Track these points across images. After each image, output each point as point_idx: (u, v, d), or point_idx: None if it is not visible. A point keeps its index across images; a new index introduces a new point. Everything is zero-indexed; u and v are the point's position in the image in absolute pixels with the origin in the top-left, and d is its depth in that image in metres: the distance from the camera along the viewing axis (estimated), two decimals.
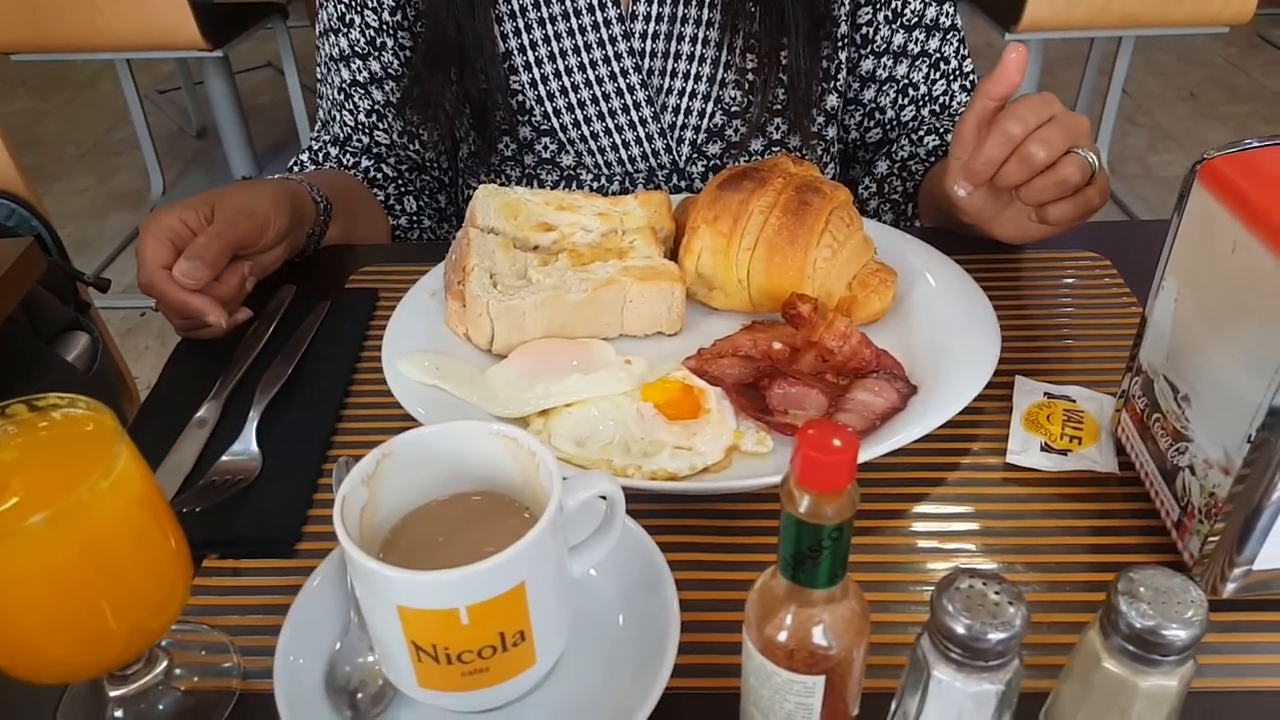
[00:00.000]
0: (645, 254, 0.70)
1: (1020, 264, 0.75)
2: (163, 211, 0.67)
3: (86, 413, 0.39)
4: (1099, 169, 0.64)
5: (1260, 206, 0.42)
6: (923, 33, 0.87)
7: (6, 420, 0.39)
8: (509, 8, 0.82)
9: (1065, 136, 0.62)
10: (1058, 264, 0.75)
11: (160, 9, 2.08)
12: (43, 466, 0.38)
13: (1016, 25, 2.10)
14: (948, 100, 0.89)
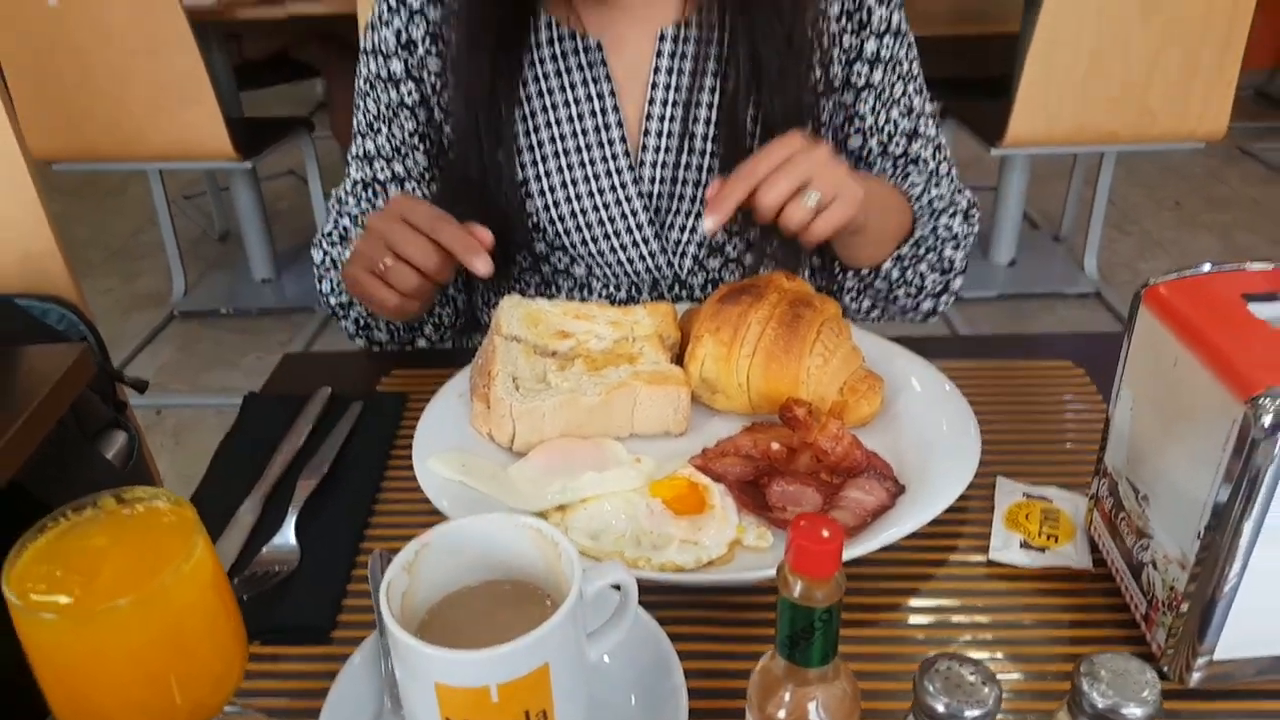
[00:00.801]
0: (654, 360, 0.76)
1: (1000, 372, 0.81)
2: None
3: (168, 506, 0.45)
4: (836, 194, 0.72)
5: (1195, 328, 0.48)
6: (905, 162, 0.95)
7: (97, 511, 0.44)
8: (528, 141, 0.90)
9: (797, 177, 0.71)
10: (1036, 372, 0.81)
11: (197, 123, 2.20)
12: (130, 553, 0.43)
13: (1001, 141, 2.21)
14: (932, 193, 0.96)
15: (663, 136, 0.90)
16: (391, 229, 0.75)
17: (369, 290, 0.77)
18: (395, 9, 0.90)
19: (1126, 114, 2.16)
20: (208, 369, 2.58)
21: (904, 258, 0.90)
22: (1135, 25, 2.06)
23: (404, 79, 0.92)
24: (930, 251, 0.91)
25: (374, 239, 0.76)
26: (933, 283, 0.93)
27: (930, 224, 0.90)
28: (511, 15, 0.86)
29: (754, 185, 0.71)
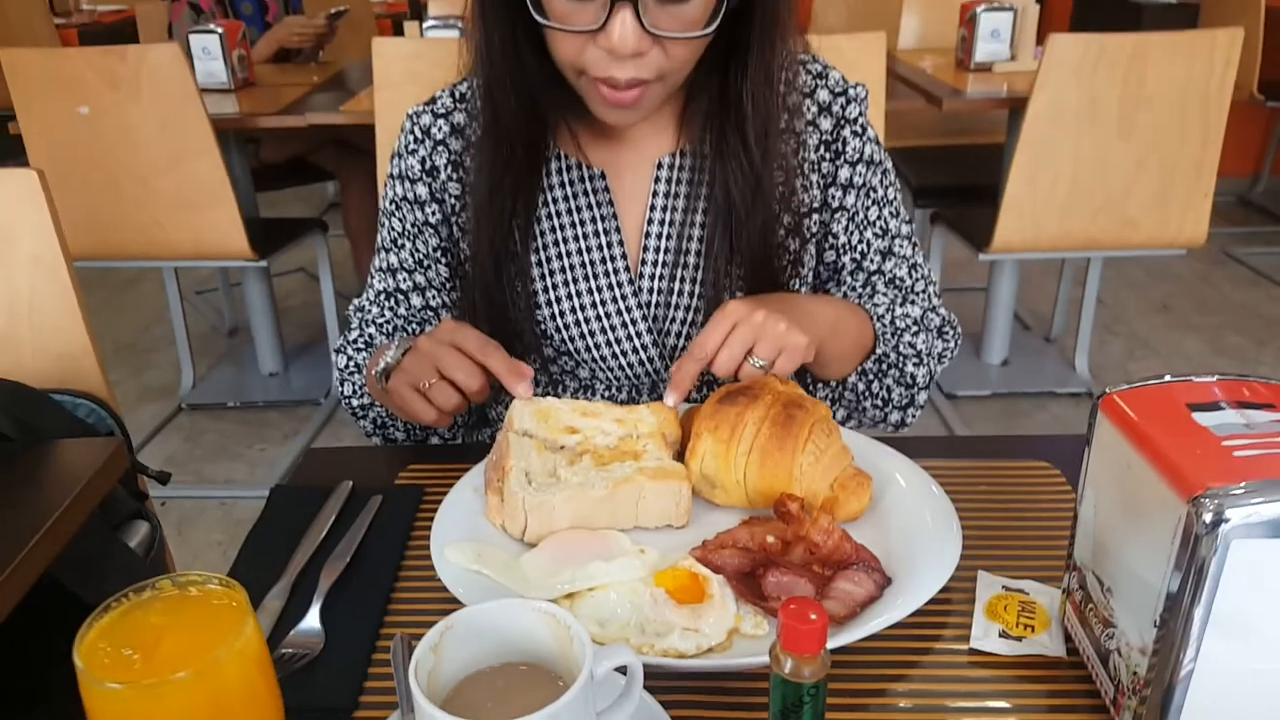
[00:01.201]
0: (656, 456, 0.81)
1: (981, 472, 0.86)
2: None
3: (220, 588, 0.49)
4: (780, 351, 0.81)
5: (1145, 434, 0.54)
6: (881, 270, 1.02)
7: (156, 592, 0.49)
8: (537, 257, 0.98)
9: (741, 346, 0.80)
10: (1014, 473, 0.86)
11: (217, 224, 2.29)
12: (186, 631, 0.47)
13: (988, 246, 2.30)
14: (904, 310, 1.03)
15: (660, 253, 0.98)
16: (441, 351, 0.83)
17: (410, 404, 0.84)
18: (421, 140, 0.99)
19: (1109, 223, 2.26)
20: (213, 461, 2.62)
21: (867, 373, 0.98)
22: (1113, 141, 2.17)
23: (428, 201, 1.00)
24: (893, 368, 0.98)
25: (422, 359, 0.84)
26: (898, 396, 1.00)
27: (893, 342, 0.98)
28: (526, 159, 0.94)
29: (705, 362, 0.81)
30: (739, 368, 0.81)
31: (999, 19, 2.59)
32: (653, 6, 0.79)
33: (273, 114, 2.43)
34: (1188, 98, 2.13)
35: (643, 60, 0.81)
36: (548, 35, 0.84)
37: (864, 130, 0.99)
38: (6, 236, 1.10)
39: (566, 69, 0.86)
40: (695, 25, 0.81)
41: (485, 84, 0.91)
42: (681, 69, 0.86)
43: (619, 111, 0.87)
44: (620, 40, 0.79)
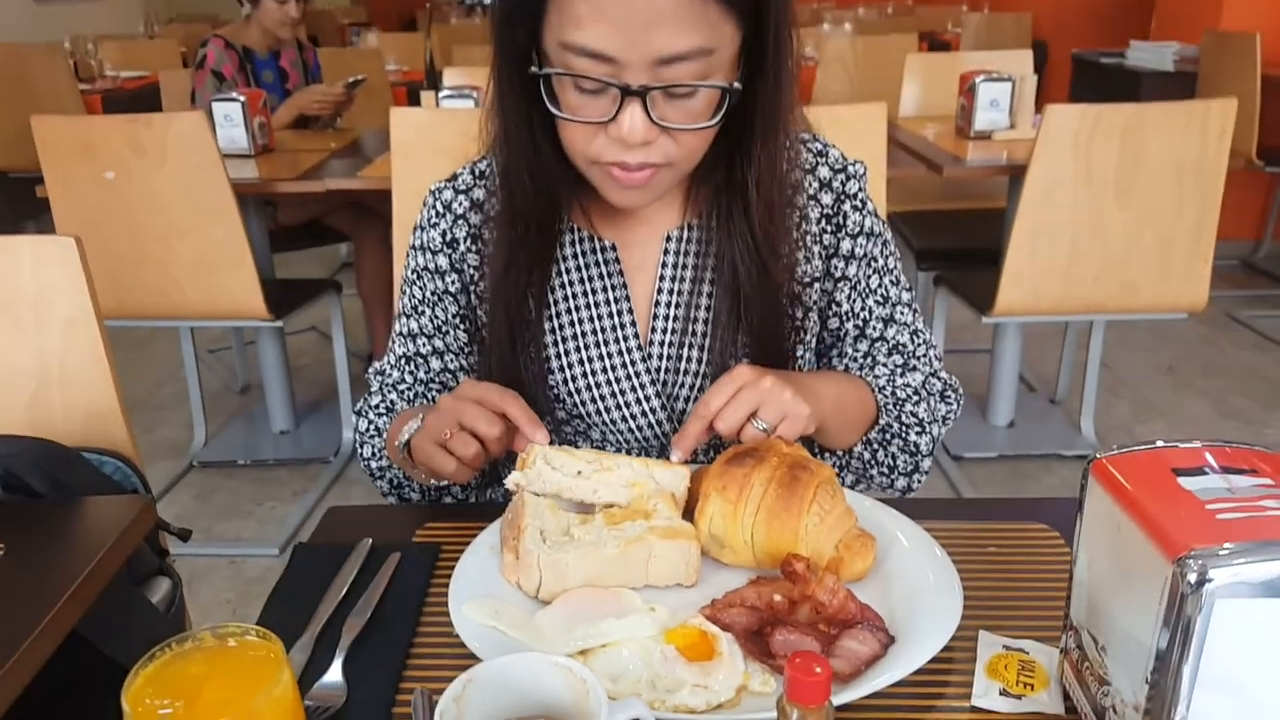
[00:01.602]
0: (667, 516, 0.83)
1: (982, 534, 0.89)
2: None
3: (258, 640, 0.52)
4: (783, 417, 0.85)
5: (1133, 498, 0.57)
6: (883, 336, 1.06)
7: (198, 643, 0.52)
8: (550, 325, 1.02)
9: (745, 409, 0.84)
10: (1014, 535, 0.88)
11: (234, 285, 2.35)
12: (226, 679, 0.50)
13: (991, 310, 2.34)
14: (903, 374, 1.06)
15: (669, 321, 1.02)
16: (461, 405, 0.87)
17: (432, 457, 0.88)
18: (442, 214, 1.04)
19: (1110, 287, 2.30)
20: (223, 519, 2.64)
21: (872, 442, 1.02)
22: (1112, 208, 2.22)
23: (448, 271, 1.04)
24: (896, 437, 1.02)
25: (445, 414, 0.88)
26: (903, 463, 1.04)
27: (895, 412, 1.02)
28: (540, 235, 0.99)
29: (709, 421, 0.85)
30: (741, 429, 0.85)
31: (998, 89, 2.67)
32: (660, 101, 0.84)
33: (292, 179, 2.50)
34: (1184, 166, 2.18)
35: (652, 147, 0.86)
36: (560, 125, 0.89)
37: (864, 204, 1.03)
38: (44, 300, 1.14)
39: (578, 158, 0.90)
40: (701, 118, 0.86)
41: (503, 168, 0.97)
42: (690, 156, 0.90)
43: (630, 193, 0.91)
44: (630, 131, 0.83)
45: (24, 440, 1.02)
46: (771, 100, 0.90)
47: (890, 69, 3.49)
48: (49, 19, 6.56)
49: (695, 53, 0.81)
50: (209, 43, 3.11)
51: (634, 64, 0.81)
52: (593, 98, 0.85)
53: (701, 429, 0.86)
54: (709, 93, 0.85)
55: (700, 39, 0.81)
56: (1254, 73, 3.52)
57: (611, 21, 0.79)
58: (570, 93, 0.85)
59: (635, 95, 0.82)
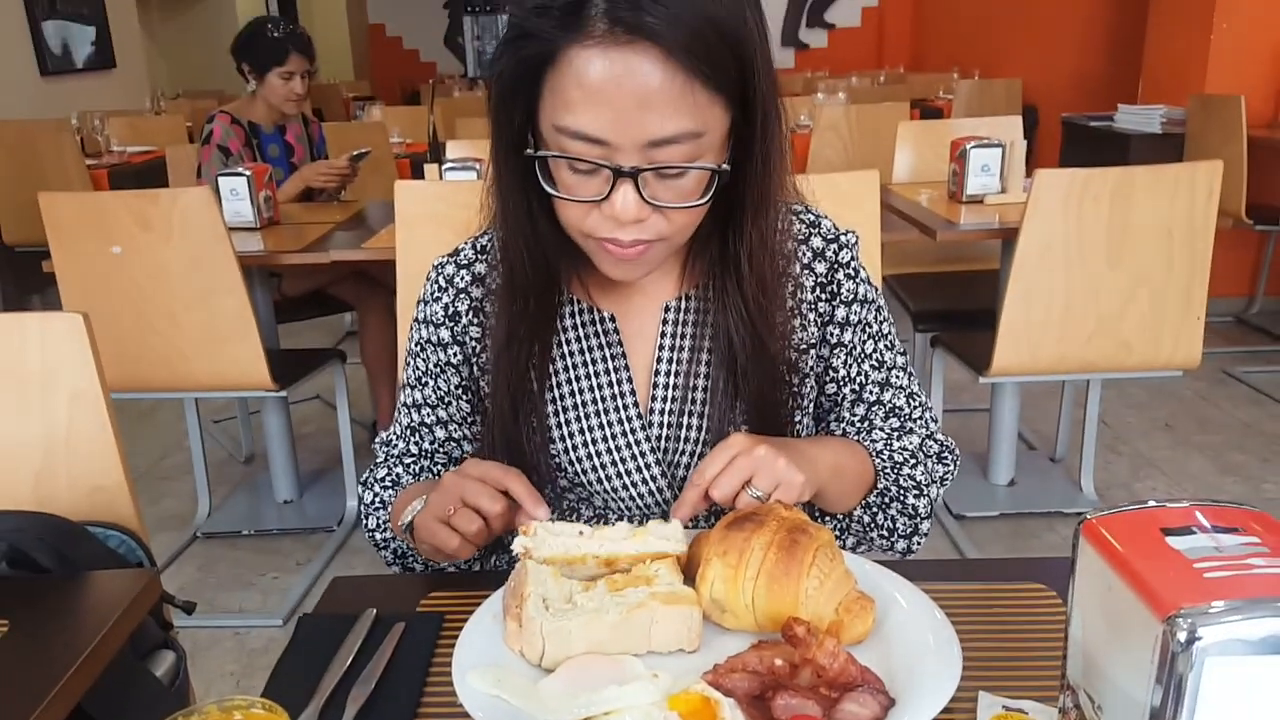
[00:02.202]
0: (668, 581, 0.84)
1: (980, 594, 0.89)
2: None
3: (264, 712, 0.53)
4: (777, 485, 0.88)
5: (1122, 557, 0.58)
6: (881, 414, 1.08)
7: (202, 717, 0.53)
8: (551, 395, 1.04)
9: (739, 477, 0.87)
10: (1012, 595, 0.89)
11: (240, 357, 2.37)
12: None
13: (988, 370, 2.36)
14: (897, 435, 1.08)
15: (668, 390, 1.04)
16: (464, 482, 0.89)
17: (435, 534, 0.89)
18: (444, 288, 1.07)
19: (1104, 346, 2.32)
20: (227, 590, 2.63)
21: (871, 506, 1.04)
22: (1103, 270, 2.25)
23: (451, 344, 1.07)
24: (895, 501, 1.04)
25: (448, 491, 0.90)
26: (902, 526, 1.05)
27: (893, 475, 1.03)
28: (540, 310, 1.01)
29: (704, 489, 0.87)
30: (736, 496, 0.87)
31: (988, 155, 2.72)
32: (651, 181, 0.87)
33: (297, 250, 2.54)
34: (1173, 226, 2.22)
35: (644, 224, 0.89)
36: (556, 203, 0.92)
37: (856, 273, 1.06)
38: (51, 374, 1.16)
39: (574, 232, 0.93)
40: (691, 196, 0.89)
41: (503, 244, 1.00)
42: (681, 232, 0.93)
43: (624, 266, 0.94)
44: (622, 210, 0.86)
45: (29, 515, 1.03)
46: (761, 179, 0.93)
47: (883, 136, 3.56)
48: (57, 95, 6.70)
49: (684, 136, 0.84)
50: (215, 118, 3.18)
51: (625, 147, 0.84)
52: (586, 177, 0.88)
53: (698, 497, 0.88)
54: (699, 173, 0.88)
55: (689, 123, 0.84)
56: (1240, 134, 3.60)
57: (603, 106, 0.82)
58: (565, 173, 0.88)
59: (627, 176, 0.85)
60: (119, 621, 0.88)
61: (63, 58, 6.98)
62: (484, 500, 0.88)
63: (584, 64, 0.82)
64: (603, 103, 0.82)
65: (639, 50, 0.81)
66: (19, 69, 6.52)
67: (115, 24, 7.67)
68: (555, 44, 0.83)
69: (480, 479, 0.89)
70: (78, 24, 7.19)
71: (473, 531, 0.88)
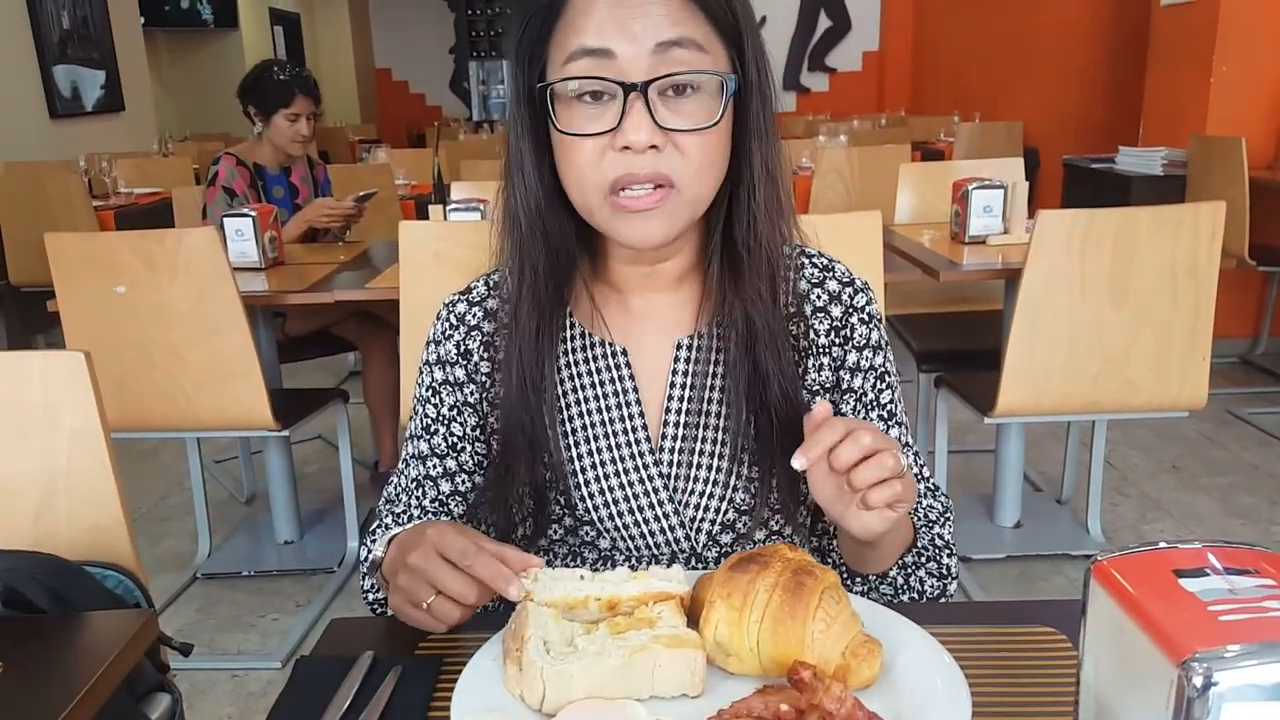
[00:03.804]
0: (671, 624, 0.83)
1: (989, 638, 0.88)
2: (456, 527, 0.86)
3: None
4: (906, 468, 0.83)
5: (1135, 600, 0.57)
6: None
7: None
8: (562, 429, 1.03)
9: (883, 440, 0.81)
10: (1021, 638, 0.88)
11: (242, 397, 2.36)
12: None
13: (993, 410, 2.34)
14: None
15: (679, 427, 1.03)
16: (431, 567, 0.83)
17: (415, 621, 0.87)
18: (455, 326, 1.06)
19: (1109, 387, 2.31)
20: (225, 631, 2.61)
21: (906, 566, 1.01)
22: (1107, 309, 2.25)
23: (465, 382, 1.06)
24: (930, 560, 1.02)
25: (415, 577, 0.85)
26: (931, 588, 1.03)
27: (928, 534, 1.02)
28: (548, 337, 1.01)
29: (845, 435, 0.81)
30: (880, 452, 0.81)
31: (990, 196, 2.73)
32: (661, 106, 0.88)
33: (301, 290, 2.54)
34: (1177, 267, 2.22)
35: (659, 156, 0.89)
36: (570, 158, 0.91)
37: (870, 318, 1.06)
38: (52, 413, 1.16)
39: (589, 191, 0.92)
40: (704, 120, 0.90)
41: (516, 242, 0.99)
42: (698, 175, 0.91)
43: (642, 222, 0.92)
44: (635, 132, 0.87)
45: (26, 555, 1.02)
46: (761, 116, 0.95)
47: (885, 178, 3.58)
48: (66, 137, 6.78)
49: (689, 41, 0.88)
50: (221, 160, 3.21)
51: (633, 56, 0.87)
52: (597, 111, 0.89)
53: (836, 438, 0.81)
54: (709, 100, 0.90)
55: (693, 31, 0.88)
56: (1242, 175, 3.61)
57: (608, 21, 0.87)
58: (576, 114, 0.90)
59: (638, 93, 0.87)
60: (114, 663, 0.86)
61: (72, 101, 7.07)
62: (455, 588, 0.83)
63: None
64: (607, 16, 0.87)
65: None
66: (29, 112, 6.60)
67: (124, 68, 7.78)
68: None
69: (448, 559, 0.83)
70: (88, 68, 7.29)
71: (455, 620, 0.85)
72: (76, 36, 7.14)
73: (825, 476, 0.85)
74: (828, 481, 0.86)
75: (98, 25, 7.45)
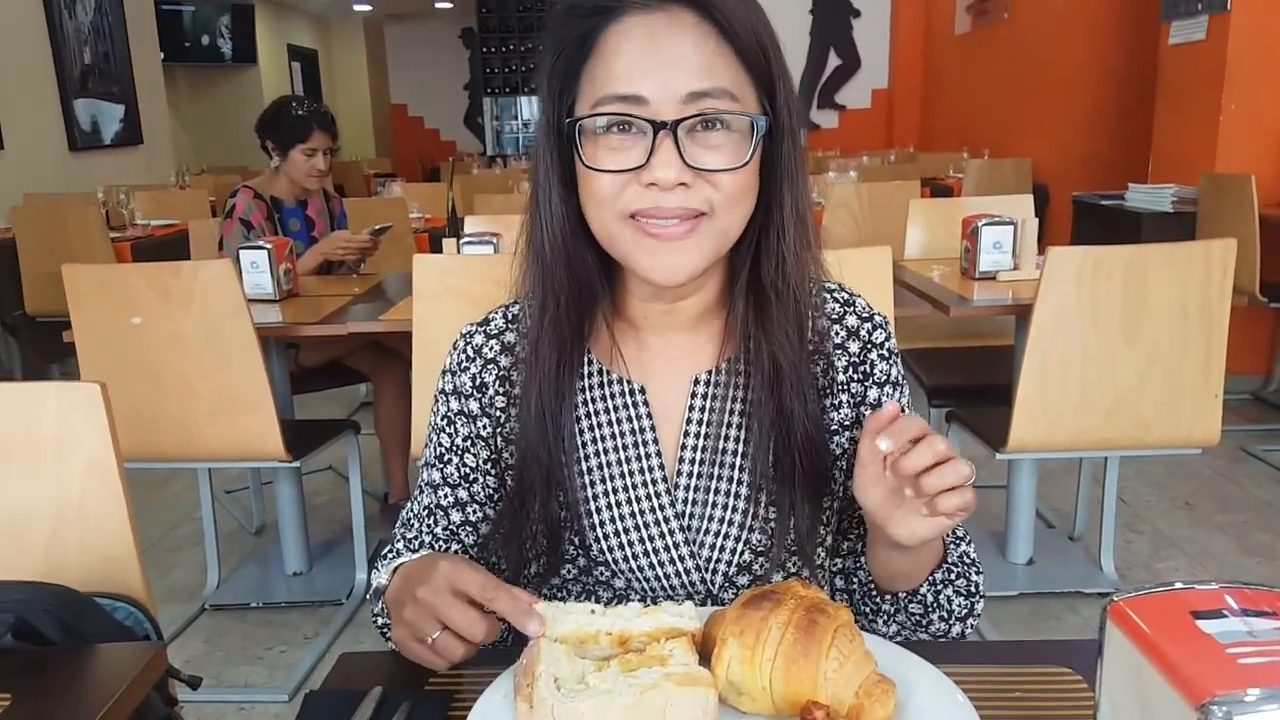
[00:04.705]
0: (683, 662, 0.82)
1: (1003, 678, 0.87)
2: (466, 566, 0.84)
3: None
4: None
5: (1152, 642, 0.56)
6: None
7: None
8: (578, 467, 1.03)
9: (952, 447, 0.82)
10: (1035, 678, 0.87)
11: (254, 427, 2.37)
12: None
13: (1005, 446, 2.33)
14: None
15: (695, 464, 1.03)
16: (440, 602, 0.82)
17: (418, 656, 0.85)
18: (472, 358, 1.06)
19: (1121, 423, 2.30)
20: (233, 664, 2.60)
21: (936, 582, 0.99)
22: (1119, 346, 2.25)
23: (479, 414, 1.06)
24: (960, 577, 1.00)
25: (422, 611, 0.83)
26: (959, 606, 1.01)
27: (956, 550, 1.01)
28: (567, 373, 1.00)
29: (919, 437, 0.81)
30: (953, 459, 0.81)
31: (1000, 232, 2.74)
32: (690, 144, 0.88)
33: (314, 322, 2.56)
34: (1188, 304, 2.22)
35: (689, 191, 0.89)
36: (593, 190, 0.91)
37: (890, 354, 1.06)
38: (66, 443, 1.16)
39: (611, 219, 0.91)
40: (734, 160, 0.89)
41: (539, 273, 0.99)
42: (729, 205, 0.91)
43: (668, 255, 0.91)
44: (663, 170, 0.87)
45: (40, 586, 1.02)
46: (792, 158, 0.94)
47: (894, 213, 3.60)
48: (85, 169, 6.87)
49: (720, 91, 0.87)
50: (238, 192, 3.24)
51: (664, 102, 0.87)
52: (625, 148, 0.89)
53: (913, 435, 0.82)
54: (739, 139, 0.89)
55: (724, 80, 0.88)
56: (1252, 213, 3.61)
57: (640, 66, 0.87)
58: (603, 151, 0.90)
59: (667, 130, 0.87)
60: (122, 696, 0.86)
61: (91, 134, 7.17)
62: (463, 625, 0.82)
63: (622, 35, 0.88)
64: (640, 63, 0.87)
65: (674, 14, 0.87)
66: (50, 145, 6.70)
67: (144, 103, 7.90)
68: (597, 22, 0.89)
69: (458, 592, 0.83)
70: (107, 102, 7.41)
71: (459, 656, 0.84)
72: (98, 71, 7.25)
73: (877, 478, 0.86)
74: (880, 483, 0.86)
75: (119, 61, 7.58)
